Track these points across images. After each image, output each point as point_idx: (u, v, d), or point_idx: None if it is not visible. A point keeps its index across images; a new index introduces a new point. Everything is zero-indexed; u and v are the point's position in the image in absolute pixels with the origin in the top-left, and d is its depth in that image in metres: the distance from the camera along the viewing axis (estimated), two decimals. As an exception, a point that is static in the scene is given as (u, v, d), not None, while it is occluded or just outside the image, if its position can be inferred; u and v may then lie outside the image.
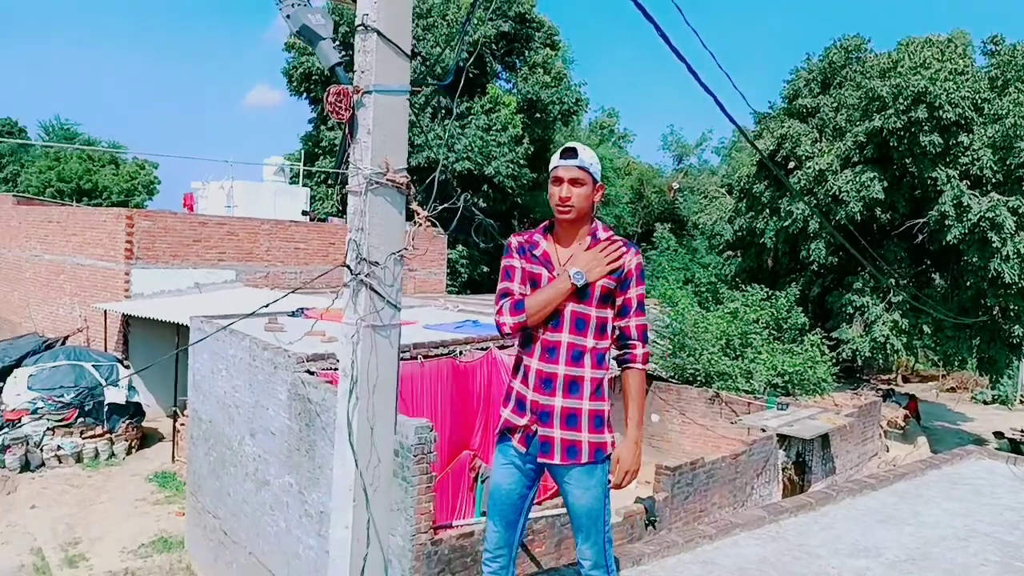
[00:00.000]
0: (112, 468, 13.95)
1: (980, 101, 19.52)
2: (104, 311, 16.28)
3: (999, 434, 23.96)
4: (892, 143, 19.91)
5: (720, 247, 28.15)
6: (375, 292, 2.64)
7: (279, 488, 8.78)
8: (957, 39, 20.88)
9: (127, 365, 15.39)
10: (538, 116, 29.35)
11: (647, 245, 38.60)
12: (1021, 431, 22.78)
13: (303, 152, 29.30)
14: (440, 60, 22.24)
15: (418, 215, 2.78)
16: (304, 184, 26.10)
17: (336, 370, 5.04)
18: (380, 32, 2.60)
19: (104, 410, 14.25)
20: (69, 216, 19.18)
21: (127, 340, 16.69)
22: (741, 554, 4.28)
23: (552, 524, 8.00)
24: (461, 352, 10.16)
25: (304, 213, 22.41)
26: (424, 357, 9.60)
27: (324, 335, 9.56)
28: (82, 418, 14.03)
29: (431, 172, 3.10)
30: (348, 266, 2.65)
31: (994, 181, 19.58)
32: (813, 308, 22.99)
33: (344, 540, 2.69)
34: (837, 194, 20.77)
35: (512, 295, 2.76)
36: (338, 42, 2.82)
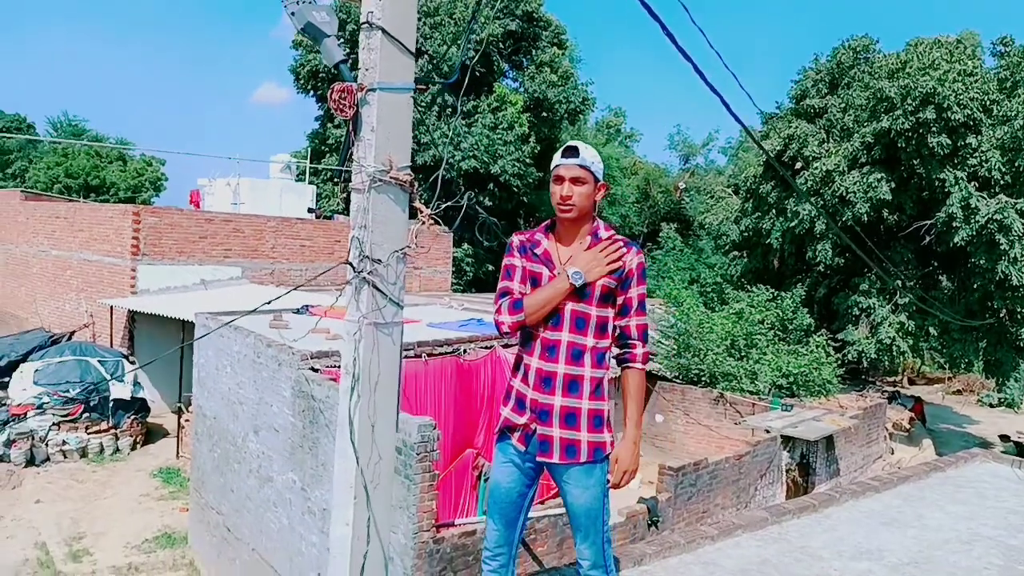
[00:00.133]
0: (117, 463, 14.00)
1: (989, 102, 19.43)
2: (110, 307, 16.34)
3: (1005, 437, 23.88)
4: (900, 144, 19.82)
5: (726, 247, 28.09)
6: (377, 290, 2.64)
7: (282, 485, 8.80)
8: (966, 40, 20.79)
9: (132, 361, 15.44)
10: (544, 115, 29.33)
11: (653, 245, 38.55)
12: (1027, 434, 22.69)
13: (309, 150, 29.36)
14: (447, 59, 22.25)
15: (421, 213, 2.78)
16: (310, 182, 26.14)
17: (340, 367, 5.04)
18: (385, 30, 2.60)
19: (109, 405, 14.30)
20: (76, 212, 19.25)
21: (133, 336, 16.75)
22: (743, 555, 4.26)
23: (554, 523, 7.99)
24: (465, 351, 10.16)
25: (310, 210, 22.45)
26: (428, 355, 9.61)
27: (328, 332, 9.57)
28: (87, 413, 14.08)
29: (437, 170, 3.09)
30: (351, 263, 2.65)
31: (1002, 183, 19.49)
32: (819, 309, 22.92)
33: (345, 537, 2.69)
34: (844, 195, 20.69)
35: (511, 294, 2.76)
36: (343, 40, 2.82)
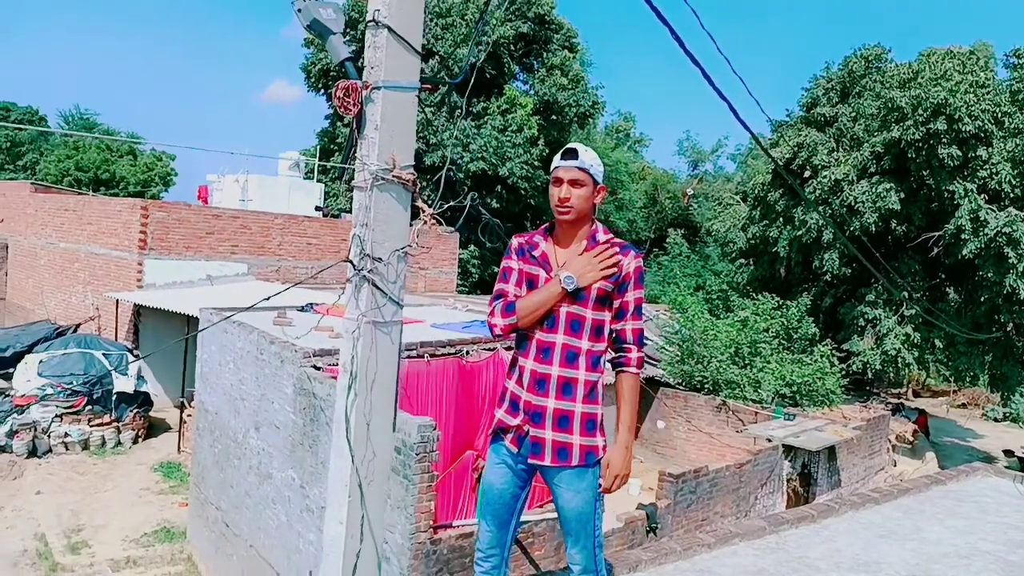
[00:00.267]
0: (118, 456, 14.04)
1: (1001, 114, 19.34)
2: (116, 300, 16.40)
3: (1009, 452, 23.74)
4: (910, 154, 19.74)
5: (733, 255, 28.03)
6: (377, 288, 2.63)
7: (281, 482, 8.80)
8: (979, 51, 20.70)
9: (137, 355, 15.49)
10: (554, 118, 29.34)
11: (659, 250, 38.50)
12: (1032, 450, 22.56)
13: (319, 148, 29.42)
14: (458, 60, 22.29)
15: (423, 212, 2.77)
16: (319, 180, 26.20)
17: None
18: (391, 28, 2.60)
19: (112, 399, 14.35)
20: (85, 205, 19.33)
21: (138, 330, 16.80)
22: (739, 564, 4.24)
23: (552, 527, 7.97)
24: (468, 352, 10.16)
25: (317, 209, 22.49)
26: (431, 356, 9.61)
27: (332, 331, 9.57)
28: (90, 406, 14.13)
29: (449, 174, 3.09)
30: (351, 261, 2.64)
31: (1012, 196, 19.39)
32: (824, 319, 22.84)
33: (338, 536, 2.68)
34: (853, 204, 20.63)
35: (505, 296, 2.76)
36: (348, 37, 2.82)
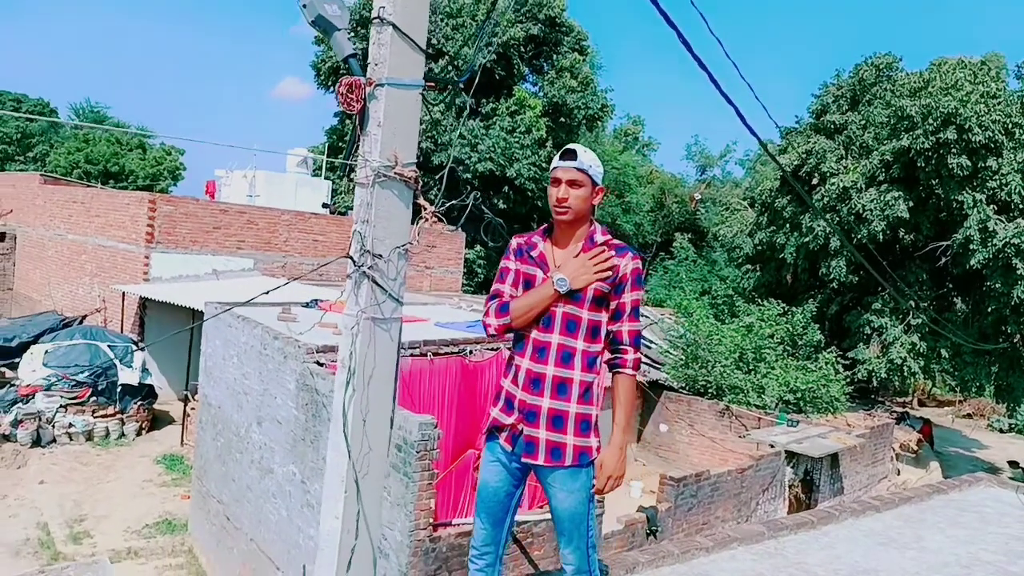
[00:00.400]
0: (121, 448, 14.09)
1: (1012, 125, 19.23)
2: (122, 293, 16.46)
3: (1014, 463, 23.63)
4: (919, 163, 19.66)
5: (739, 260, 27.97)
6: (377, 284, 2.64)
7: (283, 477, 8.83)
8: (991, 62, 20.60)
9: (142, 347, 15.55)
10: (563, 120, 29.33)
11: (666, 255, 38.44)
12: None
13: (327, 145, 29.50)
14: (465, 59, 22.30)
15: (425, 210, 2.78)
16: (326, 177, 26.27)
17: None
18: (396, 26, 2.61)
19: (117, 390, 14.41)
20: (93, 198, 19.42)
21: (143, 323, 16.87)
22: (737, 569, 4.23)
23: (552, 528, 7.96)
24: (471, 351, 10.15)
25: (325, 206, 22.55)
26: (434, 355, 9.61)
27: (335, 327, 9.59)
28: (95, 397, 14.19)
29: (454, 171, 3.10)
30: (352, 257, 2.65)
31: (1022, 207, 19.28)
32: (830, 326, 22.77)
33: (334, 531, 2.69)
34: (860, 212, 20.55)
35: (501, 297, 2.79)
36: (352, 33, 2.82)
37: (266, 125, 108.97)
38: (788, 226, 23.54)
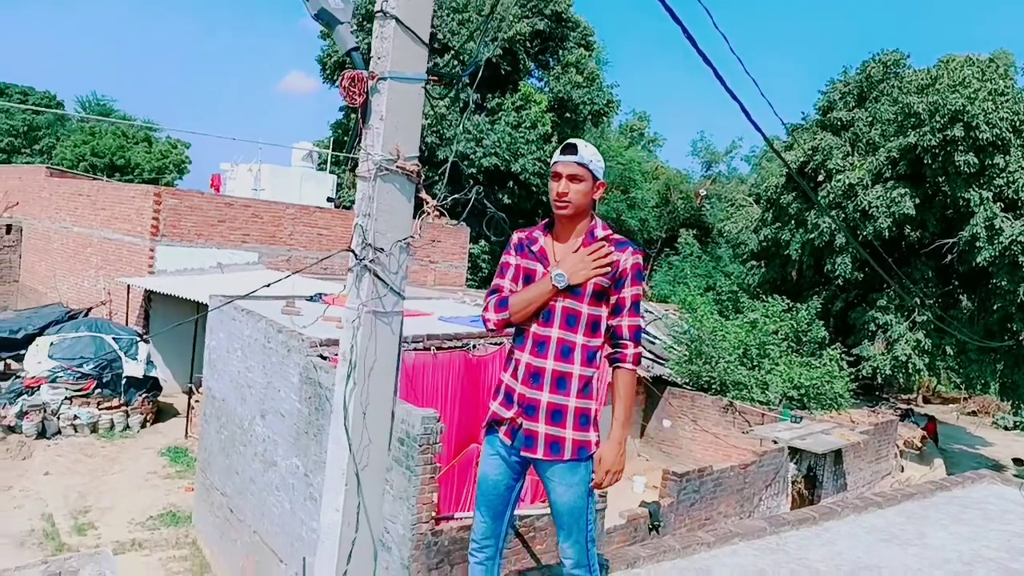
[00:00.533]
0: (126, 440, 14.15)
1: (1019, 123, 19.13)
2: (127, 286, 16.51)
3: (1018, 460, 23.59)
4: (926, 161, 19.59)
5: (744, 256, 27.90)
6: (379, 278, 2.64)
7: (286, 470, 8.85)
8: (999, 59, 20.49)
9: (147, 340, 15.60)
10: (568, 116, 29.27)
11: (671, 250, 38.38)
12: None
13: (332, 139, 29.50)
14: (469, 53, 22.26)
15: (427, 204, 2.78)
16: (331, 171, 26.28)
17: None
18: (399, 19, 2.60)
19: (122, 383, 14.46)
20: (99, 190, 19.46)
21: (148, 315, 16.92)
22: (738, 564, 4.23)
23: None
24: (475, 346, 10.15)
25: (329, 200, 22.55)
26: (437, 349, 9.61)
27: (339, 321, 9.59)
28: (100, 389, 14.24)
29: (459, 165, 3.10)
30: (353, 251, 2.65)
31: (1029, 205, 19.22)
32: (835, 323, 22.72)
33: (334, 523, 2.70)
34: (867, 209, 20.49)
35: (500, 292, 2.80)
36: (356, 26, 2.81)
37: (272, 119, 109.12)
38: (793, 222, 23.49)
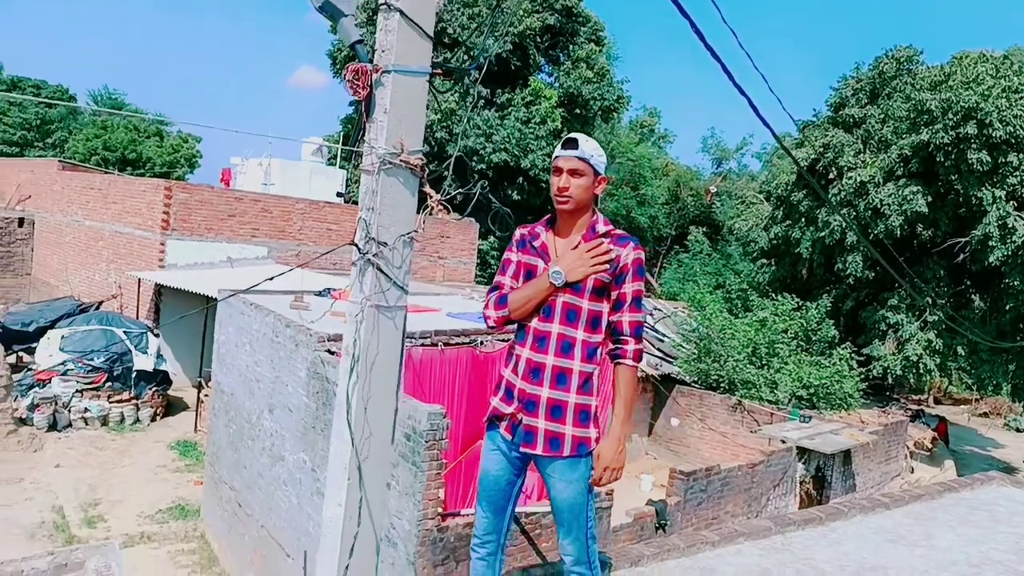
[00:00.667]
0: (136, 433, 14.23)
1: (1033, 120, 18.96)
2: (138, 279, 16.59)
3: (1030, 463, 23.40)
4: (939, 158, 19.43)
5: (754, 254, 27.78)
6: (382, 272, 2.63)
7: (293, 464, 8.88)
8: (1014, 56, 20.30)
9: (157, 334, 15.68)
10: (578, 111, 29.20)
11: (680, 248, 38.25)
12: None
13: (341, 134, 29.53)
14: (477, 47, 22.22)
15: (431, 198, 2.76)
16: (341, 166, 26.31)
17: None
18: (403, 12, 2.59)
19: (132, 376, 14.54)
20: (110, 184, 19.55)
21: (159, 309, 17.00)
22: (743, 563, 4.21)
23: (560, 520, 7.95)
24: (482, 342, 10.15)
25: (339, 195, 22.59)
26: (445, 345, 9.61)
27: (346, 316, 9.60)
28: (110, 382, 14.33)
29: (468, 160, 3.08)
30: (356, 245, 2.64)
31: (1042, 204, 19.05)
32: (845, 322, 22.59)
33: (336, 518, 2.69)
34: (878, 207, 20.35)
35: (501, 288, 2.81)
36: (363, 23, 2.80)
37: (282, 114, 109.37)
38: (804, 220, 23.36)
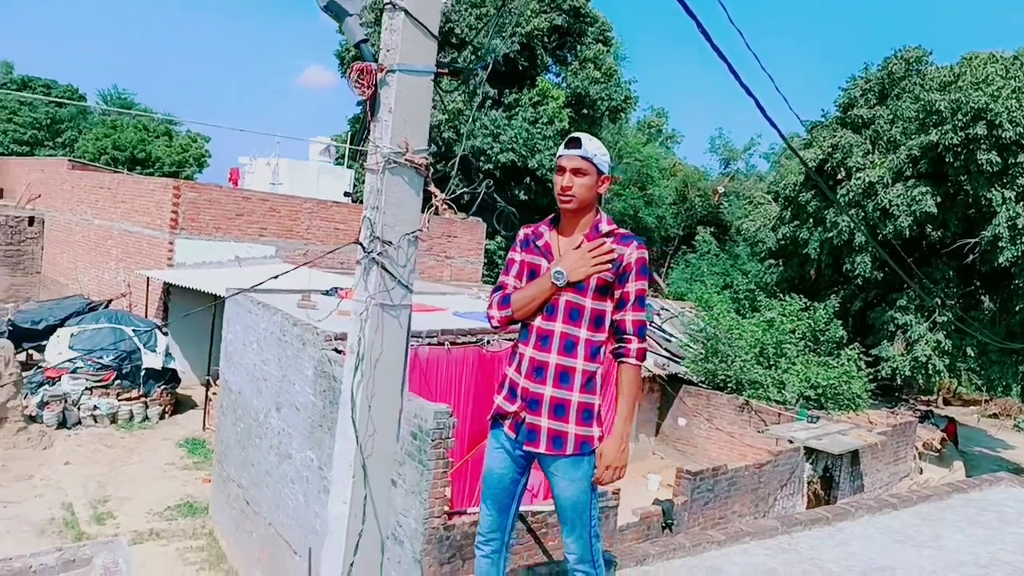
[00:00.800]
0: (145, 431, 14.30)
1: (1044, 121, 18.84)
2: (147, 278, 16.67)
3: (1040, 464, 23.24)
4: (948, 159, 19.33)
5: (762, 255, 27.70)
6: (386, 271, 2.64)
7: (300, 462, 8.91)
8: (1023, 56, 20.18)
9: (165, 332, 15.76)
10: (586, 112, 29.17)
11: (688, 248, 38.16)
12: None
13: (349, 134, 29.58)
14: (483, 47, 22.23)
15: (435, 197, 2.77)
16: (349, 166, 26.36)
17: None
18: (408, 11, 2.59)
19: (141, 374, 14.62)
20: (120, 183, 19.65)
21: (167, 308, 17.08)
22: (749, 563, 4.20)
23: (566, 519, 7.95)
24: (488, 341, 10.16)
25: (346, 194, 22.62)
26: (451, 344, 9.63)
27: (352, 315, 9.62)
28: (119, 380, 14.41)
29: (475, 160, 3.08)
30: (361, 244, 2.65)
31: (1053, 205, 18.92)
32: (853, 322, 22.50)
33: (342, 515, 2.70)
34: (887, 208, 20.26)
35: (504, 288, 2.82)
36: (369, 24, 2.81)
37: (290, 113, 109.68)
38: (812, 221, 23.28)
